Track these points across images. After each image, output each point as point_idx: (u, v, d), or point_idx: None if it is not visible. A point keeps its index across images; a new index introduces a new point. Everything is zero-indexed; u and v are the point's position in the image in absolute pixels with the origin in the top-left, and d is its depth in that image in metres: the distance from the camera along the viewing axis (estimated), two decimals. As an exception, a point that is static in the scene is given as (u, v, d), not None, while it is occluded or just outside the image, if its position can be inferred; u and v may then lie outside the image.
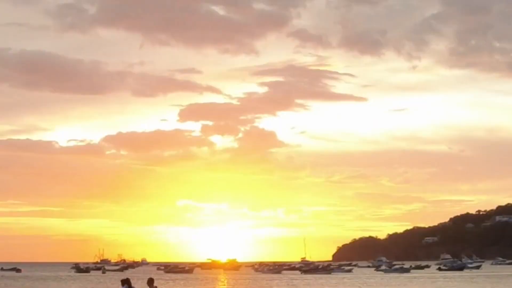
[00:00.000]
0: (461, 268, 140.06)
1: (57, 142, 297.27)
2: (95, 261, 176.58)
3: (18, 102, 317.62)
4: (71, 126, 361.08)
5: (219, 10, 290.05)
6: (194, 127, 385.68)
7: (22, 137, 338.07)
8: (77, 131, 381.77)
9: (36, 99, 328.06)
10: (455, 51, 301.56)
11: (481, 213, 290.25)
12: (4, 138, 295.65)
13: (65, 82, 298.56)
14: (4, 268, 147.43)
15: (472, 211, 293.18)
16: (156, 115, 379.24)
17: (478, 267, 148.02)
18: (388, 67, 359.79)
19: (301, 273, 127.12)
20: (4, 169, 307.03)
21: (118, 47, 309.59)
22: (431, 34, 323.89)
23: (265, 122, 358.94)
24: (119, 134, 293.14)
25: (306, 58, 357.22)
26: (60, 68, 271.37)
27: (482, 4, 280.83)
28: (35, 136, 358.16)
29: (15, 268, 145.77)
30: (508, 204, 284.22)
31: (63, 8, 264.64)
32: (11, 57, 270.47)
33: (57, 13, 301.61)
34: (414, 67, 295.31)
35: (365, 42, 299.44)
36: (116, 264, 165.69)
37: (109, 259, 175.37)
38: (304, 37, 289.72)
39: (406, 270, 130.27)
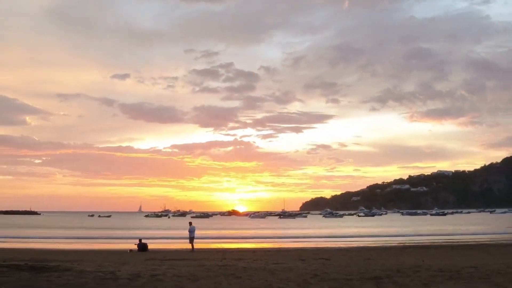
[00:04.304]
0: (372, 215, 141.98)
1: (143, 148, 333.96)
2: (162, 210, 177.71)
3: (122, 127, 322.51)
4: (153, 139, 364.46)
5: (221, 85, 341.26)
6: (217, 138, 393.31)
7: (119, 144, 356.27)
8: (156, 142, 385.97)
9: (133, 125, 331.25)
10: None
11: (384, 183, 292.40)
12: (103, 145, 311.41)
13: (151, 116, 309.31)
14: (101, 215, 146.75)
15: (379, 182, 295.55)
16: (198, 134, 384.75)
17: (383, 214, 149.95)
18: (317, 104, 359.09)
19: (279, 217, 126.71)
20: (106, 163, 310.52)
21: (177, 97, 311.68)
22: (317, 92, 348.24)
23: (251, 136, 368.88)
24: (178, 144, 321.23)
25: (274, 103, 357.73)
26: (148, 109, 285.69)
27: (332, 80, 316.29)
28: (132, 144, 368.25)
29: (108, 215, 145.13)
30: (400, 178, 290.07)
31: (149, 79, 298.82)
32: (120, 103, 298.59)
33: (146, 81, 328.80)
34: (331, 106, 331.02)
35: (292, 98, 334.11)
36: (175, 212, 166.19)
37: (170, 210, 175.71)
38: (267, 95, 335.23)
39: (340, 216, 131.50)
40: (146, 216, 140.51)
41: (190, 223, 26.32)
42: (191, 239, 25.32)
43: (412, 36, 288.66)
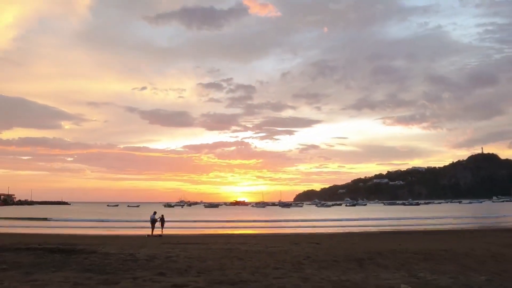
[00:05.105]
0: (354, 205, 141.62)
1: (159, 148, 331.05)
2: (177, 201, 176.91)
3: (141, 130, 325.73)
4: (168, 140, 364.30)
5: (224, 95, 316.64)
6: (222, 139, 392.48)
7: (139, 145, 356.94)
8: (170, 143, 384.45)
9: (150, 128, 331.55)
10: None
11: (366, 177, 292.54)
12: (125, 145, 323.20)
13: (165, 121, 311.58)
14: (130, 205, 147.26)
15: (362, 176, 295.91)
16: (205, 136, 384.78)
17: (365, 205, 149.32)
18: (305, 111, 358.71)
19: (280, 207, 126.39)
20: (128, 160, 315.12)
21: (187, 105, 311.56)
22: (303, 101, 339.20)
23: (251, 138, 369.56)
24: (189, 145, 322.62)
25: (269, 110, 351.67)
26: (163, 115, 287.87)
27: (315, 91, 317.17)
28: (150, 145, 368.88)
29: (137, 205, 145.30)
30: (380, 173, 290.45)
31: (163, 91, 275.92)
32: (140, 110, 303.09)
33: (161, 92, 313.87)
34: (317, 113, 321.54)
35: (284, 106, 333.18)
36: (186, 202, 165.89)
37: (184, 200, 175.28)
38: (263, 104, 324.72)
39: (329, 206, 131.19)
40: (164, 206, 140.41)
41: (155, 213, 26.11)
42: (153, 225, 25.12)
43: (378, 55, 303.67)
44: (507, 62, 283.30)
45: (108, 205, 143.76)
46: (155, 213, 25.92)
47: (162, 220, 26.66)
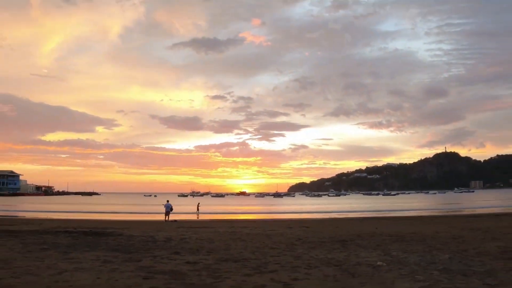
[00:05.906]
0: (338, 195, 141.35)
1: (175, 148, 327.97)
2: (189, 191, 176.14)
3: (160, 132, 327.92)
4: (182, 141, 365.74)
5: (228, 105, 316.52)
6: (227, 140, 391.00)
7: (158, 145, 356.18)
8: (184, 143, 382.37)
9: (168, 131, 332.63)
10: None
11: (348, 172, 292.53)
12: (146, 146, 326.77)
13: (180, 125, 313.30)
14: (146, 194, 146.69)
15: (345, 171, 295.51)
16: (213, 138, 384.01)
17: (347, 195, 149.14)
18: (295, 118, 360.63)
19: (273, 197, 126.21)
20: (149, 158, 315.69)
21: (197, 112, 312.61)
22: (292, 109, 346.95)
23: (250, 140, 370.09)
24: (199, 145, 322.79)
25: (266, 117, 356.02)
26: (178, 120, 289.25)
27: (299, 102, 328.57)
28: (167, 145, 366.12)
29: (154, 195, 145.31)
30: (360, 168, 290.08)
31: (176, 101, 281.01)
32: (160, 117, 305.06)
33: (175, 102, 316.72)
34: (305, 118, 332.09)
35: (277, 113, 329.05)
36: (196, 193, 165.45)
37: (196, 191, 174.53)
38: (260, 112, 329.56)
39: (320, 196, 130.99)
40: (178, 196, 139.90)
41: (167, 201, 25.70)
42: (167, 213, 23.91)
43: (348, 73, 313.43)
44: (454, 79, 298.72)
45: (144, 195, 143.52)
46: (168, 201, 25.85)
47: (198, 207, 27.52)
